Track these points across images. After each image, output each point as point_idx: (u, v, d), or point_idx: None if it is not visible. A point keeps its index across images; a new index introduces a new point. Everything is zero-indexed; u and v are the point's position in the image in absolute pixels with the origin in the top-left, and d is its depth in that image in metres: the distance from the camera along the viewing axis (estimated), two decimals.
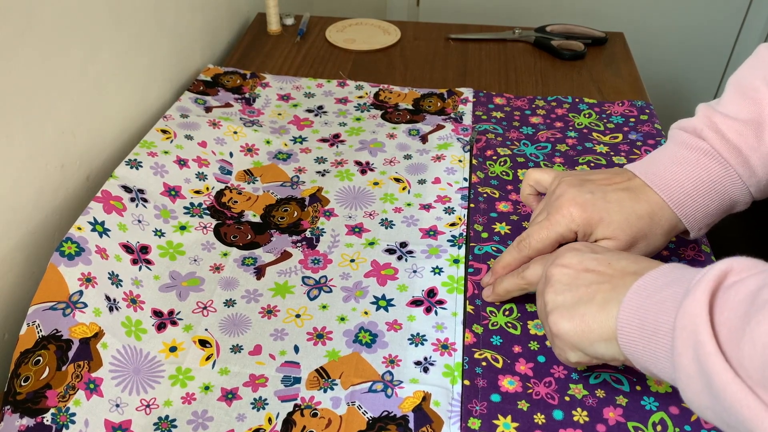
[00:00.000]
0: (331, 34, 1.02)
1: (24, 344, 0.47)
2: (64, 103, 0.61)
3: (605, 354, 0.42)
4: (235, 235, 0.64)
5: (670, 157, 0.53)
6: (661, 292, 0.38)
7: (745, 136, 0.51)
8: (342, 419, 0.49)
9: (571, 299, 0.44)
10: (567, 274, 0.45)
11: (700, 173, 0.52)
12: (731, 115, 0.52)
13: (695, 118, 0.54)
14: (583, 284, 0.44)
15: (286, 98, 0.85)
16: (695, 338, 0.33)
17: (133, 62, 0.73)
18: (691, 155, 0.52)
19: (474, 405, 0.49)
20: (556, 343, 0.45)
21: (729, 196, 0.52)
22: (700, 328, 0.33)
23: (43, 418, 0.45)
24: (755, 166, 0.51)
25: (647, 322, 0.38)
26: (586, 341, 0.42)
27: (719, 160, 0.51)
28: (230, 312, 0.57)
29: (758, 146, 0.50)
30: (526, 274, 0.52)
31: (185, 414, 0.49)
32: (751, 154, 0.51)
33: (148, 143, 0.68)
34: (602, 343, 0.42)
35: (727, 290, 0.34)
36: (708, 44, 1.67)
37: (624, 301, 0.40)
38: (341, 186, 0.71)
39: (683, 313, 0.35)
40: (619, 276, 0.43)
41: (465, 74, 0.93)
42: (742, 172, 0.51)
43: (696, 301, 0.34)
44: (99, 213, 0.58)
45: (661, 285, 0.39)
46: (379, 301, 0.58)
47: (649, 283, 0.40)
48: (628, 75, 0.92)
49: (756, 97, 0.51)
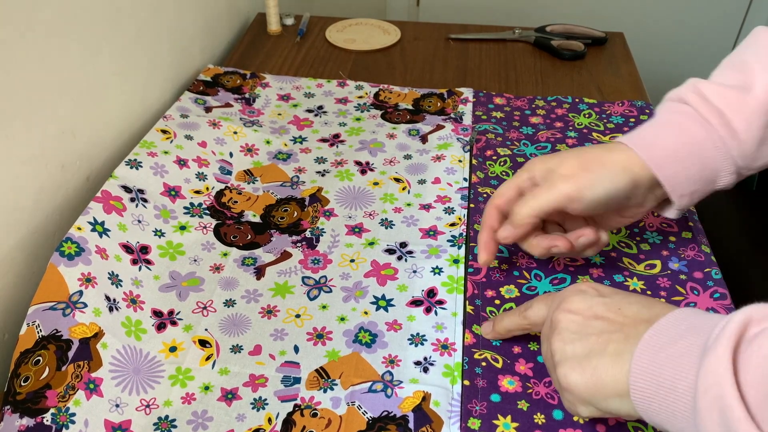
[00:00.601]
0: (331, 34, 1.02)
1: (24, 344, 0.47)
2: (64, 103, 0.61)
3: (620, 410, 0.39)
4: (235, 235, 0.64)
5: (654, 122, 0.53)
6: (675, 345, 0.36)
7: (728, 99, 0.50)
8: (342, 419, 0.49)
9: (582, 350, 0.41)
10: (575, 321, 0.42)
11: (681, 135, 0.51)
12: (717, 81, 0.52)
13: (681, 86, 0.54)
14: (593, 333, 0.41)
15: (286, 98, 0.85)
16: (722, 402, 0.31)
17: (133, 62, 0.73)
18: (674, 118, 0.52)
19: (474, 405, 0.49)
20: (566, 397, 0.42)
21: (711, 161, 0.50)
22: (726, 391, 0.31)
23: (43, 418, 0.45)
24: (737, 128, 0.49)
25: (663, 378, 0.35)
26: (599, 396, 0.39)
27: (701, 122, 0.50)
28: (230, 312, 0.57)
29: (741, 108, 0.49)
30: (528, 314, 0.49)
31: (185, 414, 0.49)
32: (734, 117, 0.49)
33: (148, 143, 0.68)
34: (616, 399, 0.39)
35: (749, 345, 0.32)
36: (708, 44, 1.67)
37: (635, 354, 0.37)
38: (341, 186, 0.71)
39: (705, 373, 0.32)
40: (632, 324, 0.40)
41: (465, 74, 0.93)
42: (724, 133, 0.50)
43: (718, 359, 0.32)
44: (99, 213, 0.58)
45: (674, 336, 0.36)
46: (378, 301, 0.58)
47: (661, 333, 0.37)
48: (628, 75, 0.92)
49: (743, 68, 0.51)
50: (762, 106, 0.48)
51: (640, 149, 0.51)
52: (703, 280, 0.58)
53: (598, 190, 0.51)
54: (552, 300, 0.47)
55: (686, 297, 0.57)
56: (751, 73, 0.50)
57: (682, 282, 0.58)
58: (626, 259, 0.61)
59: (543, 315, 0.47)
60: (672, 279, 0.58)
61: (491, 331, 0.53)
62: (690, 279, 0.58)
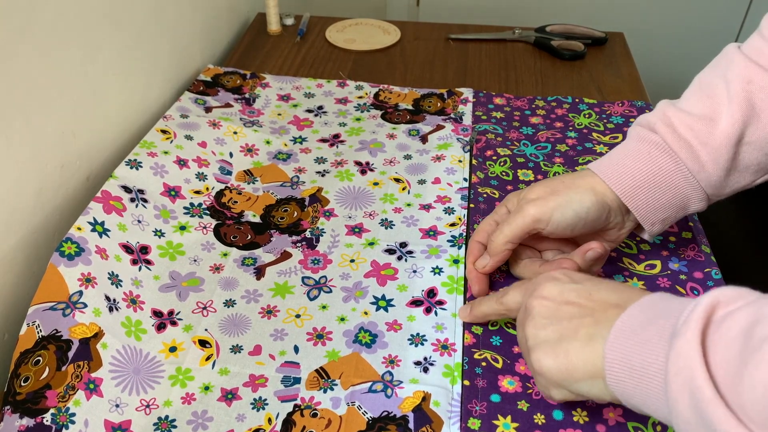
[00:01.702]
0: (331, 34, 1.02)
1: (24, 344, 0.47)
2: (64, 103, 0.61)
3: (590, 392, 0.40)
4: (235, 236, 0.64)
5: (623, 150, 0.54)
6: (646, 329, 0.37)
7: (695, 131, 0.51)
8: (342, 419, 0.49)
9: (553, 335, 0.42)
10: (547, 306, 0.44)
11: (651, 166, 0.52)
12: (686, 109, 0.52)
13: (652, 113, 0.55)
14: (564, 318, 0.42)
15: (286, 98, 0.85)
16: (691, 384, 0.32)
17: (133, 62, 0.73)
18: (643, 148, 0.52)
19: (474, 405, 0.49)
20: (539, 381, 0.44)
21: (680, 191, 0.52)
22: (696, 373, 0.32)
23: (42, 419, 0.45)
24: (705, 161, 0.50)
25: (635, 362, 0.37)
26: (570, 379, 0.41)
27: (670, 153, 0.51)
28: (230, 312, 0.57)
29: (708, 141, 0.50)
30: (505, 300, 0.50)
31: (185, 414, 0.49)
32: (701, 149, 0.50)
33: (148, 143, 0.68)
34: (588, 381, 0.40)
35: (718, 327, 0.33)
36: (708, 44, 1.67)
37: (608, 339, 0.38)
38: (341, 186, 0.71)
39: (676, 356, 0.33)
40: (601, 309, 0.41)
41: (465, 74, 0.93)
42: (692, 166, 0.51)
43: (687, 341, 0.33)
44: (99, 213, 0.58)
45: (644, 321, 0.38)
46: (378, 302, 0.58)
47: (632, 318, 0.38)
48: (628, 75, 0.92)
49: (712, 93, 0.51)
50: (728, 140, 0.49)
51: (610, 179, 0.53)
52: (703, 280, 0.58)
53: (566, 211, 0.52)
54: (527, 287, 0.48)
55: (686, 297, 0.57)
56: (718, 101, 0.50)
57: (682, 282, 0.58)
58: (626, 259, 0.61)
59: (518, 301, 0.49)
60: (672, 279, 0.58)
61: (468, 314, 0.55)
62: (690, 279, 0.58)
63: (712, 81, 0.52)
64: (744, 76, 0.50)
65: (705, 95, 0.51)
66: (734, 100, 0.49)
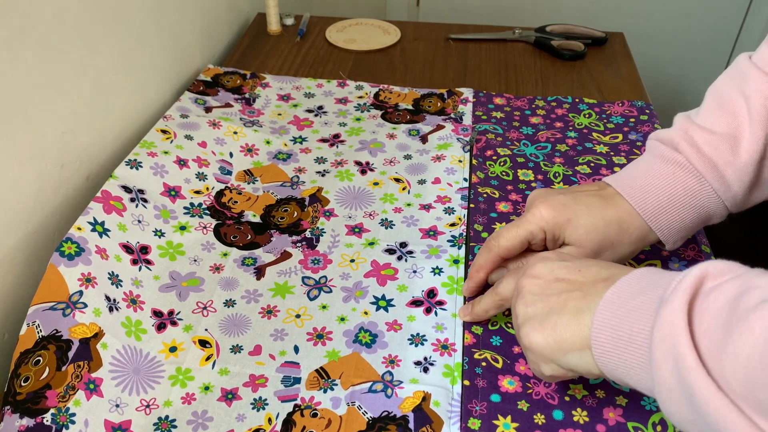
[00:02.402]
0: (331, 34, 1.02)
1: (24, 344, 0.47)
2: (64, 103, 0.61)
3: (579, 365, 0.41)
4: (235, 236, 0.64)
5: (646, 168, 0.53)
6: (634, 300, 0.37)
7: (720, 150, 0.50)
8: (342, 419, 0.49)
9: (542, 310, 0.43)
10: (537, 284, 0.44)
11: (676, 186, 0.51)
12: (707, 127, 0.52)
13: (672, 129, 0.54)
14: (553, 293, 0.43)
15: (286, 98, 0.85)
16: (675, 351, 0.32)
17: (133, 62, 0.73)
18: (667, 168, 0.52)
19: (474, 405, 0.49)
20: (529, 357, 0.44)
21: (705, 209, 0.52)
22: (680, 340, 0.32)
23: (43, 419, 0.45)
24: (730, 180, 0.50)
25: (622, 332, 0.37)
26: (559, 352, 0.41)
27: (694, 174, 0.51)
28: (230, 312, 0.57)
29: (733, 160, 0.50)
30: (499, 289, 0.51)
31: (185, 414, 0.49)
32: (726, 169, 0.50)
33: (148, 143, 0.68)
34: (576, 353, 0.40)
35: (705, 297, 0.33)
36: (708, 44, 1.67)
37: (597, 311, 0.39)
38: (341, 186, 0.71)
39: (661, 324, 0.34)
40: (590, 283, 0.42)
41: (465, 74, 0.93)
42: (717, 186, 0.51)
43: (674, 311, 0.33)
44: (99, 213, 0.58)
45: (634, 292, 0.38)
46: (379, 302, 0.58)
47: (621, 290, 0.39)
48: (628, 75, 0.92)
49: (733, 109, 0.51)
50: (752, 158, 0.50)
51: (633, 200, 0.52)
52: None
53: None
54: (519, 271, 0.48)
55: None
56: (739, 119, 0.50)
57: None
58: None
59: (512, 288, 0.49)
60: None
61: (470, 313, 0.55)
62: None
63: (731, 96, 0.52)
64: (762, 91, 0.50)
65: (726, 112, 0.51)
66: (755, 117, 0.49)
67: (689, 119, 0.53)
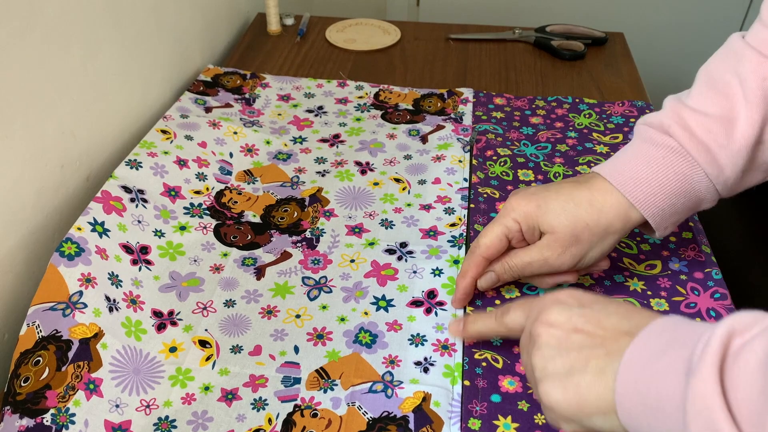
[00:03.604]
0: (331, 34, 1.02)
1: (24, 345, 0.47)
2: (64, 103, 0.61)
3: (603, 426, 0.38)
4: (235, 236, 0.64)
5: (635, 154, 0.51)
6: (659, 362, 0.34)
7: (714, 133, 0.49)
8: (342, 420, 0.49)
9: (562, 367, 0.39)
10: (555, 336, 0.41)
11: (667, 171, 0.49)
12: (700, 109, 0.50)
13: (662, 112, 0.52)
14: (573, 348, 0.39)
15: (286, 98, 0.85)
16: (713, 427, 0.30)
17: (133, 62, 0.73)
18: (657, 152, 0.50)
19: (474, 405, 0.49)
20: (549, 414, 0.41)
21: (696, 194, 0.50)
22: (717, 415, 0.30)
23: (42, 419, 0.45)
24: (723, 164, 0.49)
25: (649, 398, 0.34)
26: (581, 414, 0.38)
27: (686, 158, 0.49)
28: (230, 312, 0.57)
29: (727, 144, 0.48)
30: (506, 320, 0.47)
31: (185, 414, 0.49)
32: (720, 152, 0.49)
33: (148, 143, 0.68)
34: (600, 416, 0.38)
35: (735, 360, 0.31)
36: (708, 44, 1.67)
37: (619, 371, 0.36)
38: (341, 186, 0.71)
39: (693, 397, 0.31)
40: (612, 338, 0.39)
41: (465, 74, 0.93)
42: (710, 170, 0.49)
43: (705, 381, 0.31)
44: (99, 213, 0.58)
45: (657, 351, 0.35)
46: (379, 302, 0.58)
47: (643, 348, 0.36)
48: (628, 75, 0.92)
49: (727, 91, 0.49)
50: (747, 141, 0.48)
51: (624, 187, 0.50)
52: (704, 281, 0.58)
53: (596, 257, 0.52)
54: (530, 308, 0.45)
55: (686, 297, 0.57)
56: (734, 101, 0.49)
57: (683, 282, 0.58)
58: (626, 259, 0.61)
59: (521, 322, 0.46)
60: (672, 279, 0.58)
61: (461, 330, 0.52)
62: (690, 279, 0.58)
63: (724, 77, 0.50)
64: (759, 73, 0.48)
65: (719, 93, 0.49)
66: (751, 99, 0.48)
67: (680, 102, 0.52)
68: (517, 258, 0.53)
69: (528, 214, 0.52)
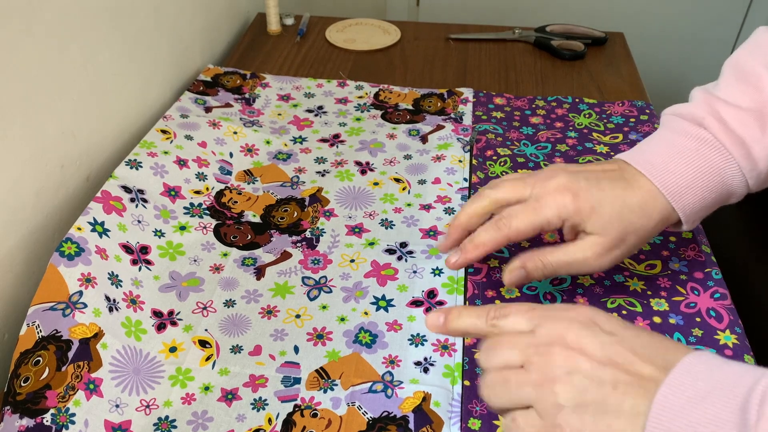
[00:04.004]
0: (331, 34, 1.02)
1: (24, 345, 0.47)
2: (64, 103, 0.61)
3: None
4: (235, 236, 0.64)
5: (667, 145, 0.50)
6: (696, 409, 0.32)
7: (748, 127, 0.48)
8: (342, 420, 0.49)
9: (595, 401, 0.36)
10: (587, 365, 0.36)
11: (701, 163, 0.48)
12: (732, 102, 0.49)
13: (694, 104, 0.51)
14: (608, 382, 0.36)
15: (286, 98, 0.85)
16: None
17: (133, 62, 0.73)
18: (691, 144, 0.49)
19: (474, 405, 0.49)
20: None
21: (727, 188, 0.50)
22: None
23: (42, 419, 0.45)
24: (757, 158, 0.48)
25: None
26: None
27: (721, 151, 0.48)
28: (230, 312, 0.57)
29: (761, 137, 0.48)
30: (502, 324, 0.40)
31: (185, 414, 0.49)
32: (754, 146, 0.48)
33: (148, 143, 0.68)
34: None
35: None
36: (708, 44, 1.67)
37: (651, 415, 0.33)
38: (341, 186, 0.71)
39: None
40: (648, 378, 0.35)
41: (465, 74, 0.93)
42: (744, 164, 0.48)
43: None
44: (99, 213, 0.58)
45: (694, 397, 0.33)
46: (379, 302, 0.58)
47: (677, 393, 0.33)
48: (628, 75, 0.92)
49: (758, 84, 0.49)
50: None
51: (656, 179, 0.49)
52: (704, 280, 0.58)
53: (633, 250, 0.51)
54: (539, 319, 0.39)
55: (686, 297, 0.57)
56: (765, 93, 0.48)
57: (683, 282, 0.58)
58: (626, 259, 0.61)
59: (521, 329, 0.40)
60: (672, 279, 0.58)
61: (441, 326, 0.44)
62: (690, 279, 0.58)
63: (754, 69, 0.49)
64: None
65: (750, 86, 0.49)
66: None
67: (710, 94, 0.51)
68: (553, 257, 0.50)
69: (579, 215, 0.49)
